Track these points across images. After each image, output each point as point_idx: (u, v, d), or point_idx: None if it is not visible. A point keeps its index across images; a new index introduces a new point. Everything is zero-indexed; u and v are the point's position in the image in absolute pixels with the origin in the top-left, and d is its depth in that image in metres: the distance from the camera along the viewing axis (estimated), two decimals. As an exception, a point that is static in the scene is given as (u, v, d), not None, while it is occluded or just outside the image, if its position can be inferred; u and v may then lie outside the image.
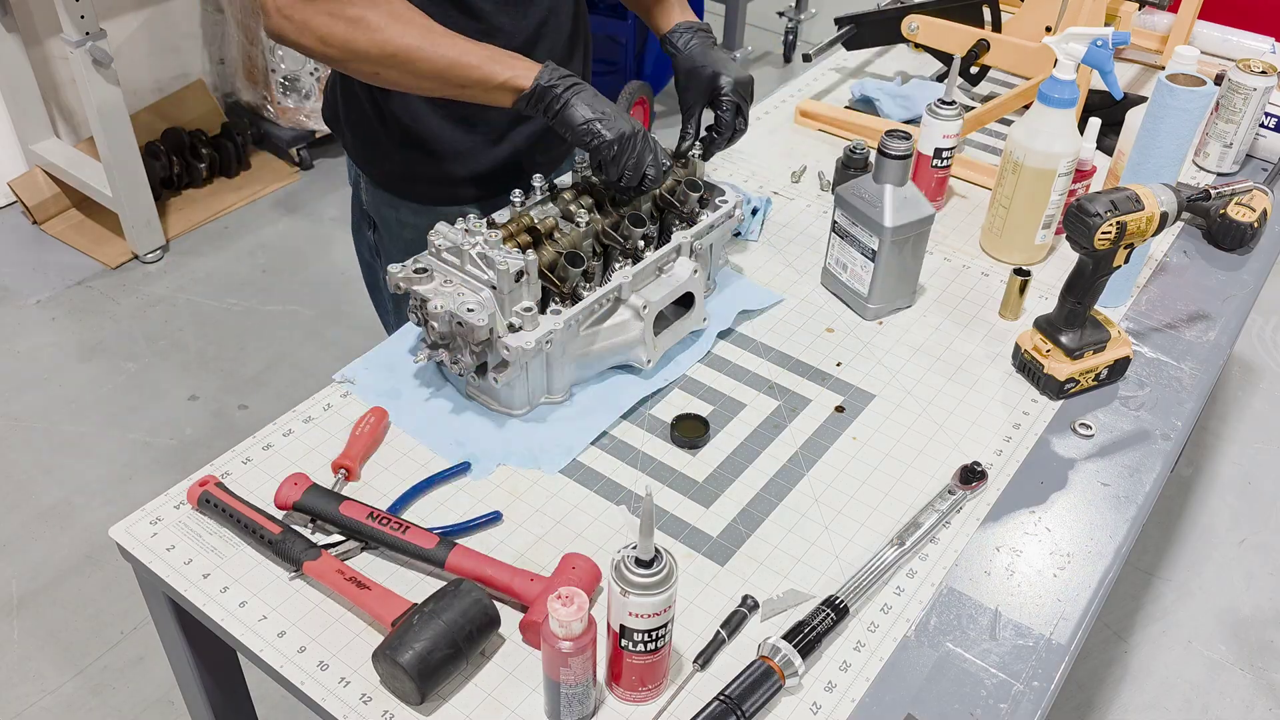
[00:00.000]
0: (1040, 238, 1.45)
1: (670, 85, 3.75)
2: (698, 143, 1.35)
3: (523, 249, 1.15)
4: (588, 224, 1.21)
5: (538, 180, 1.26)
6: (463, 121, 1.35)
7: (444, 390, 1.23)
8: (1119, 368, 1.26)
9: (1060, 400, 1.24)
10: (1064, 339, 1.23)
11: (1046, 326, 1.25)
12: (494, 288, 1.12)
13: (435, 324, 1.13)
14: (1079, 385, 1.23)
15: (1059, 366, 1.22)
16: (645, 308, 1.21)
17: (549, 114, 1.18)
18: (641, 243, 1.25)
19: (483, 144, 1.38)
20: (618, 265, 1.23)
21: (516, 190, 1.22)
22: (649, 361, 1.24)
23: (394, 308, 1.52)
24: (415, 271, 1.14)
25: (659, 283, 1.25)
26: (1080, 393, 1.25)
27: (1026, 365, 1.26)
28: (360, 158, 1.44)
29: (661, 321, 1.26)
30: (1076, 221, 1.15)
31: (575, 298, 1.18)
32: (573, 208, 1.23)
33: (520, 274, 1.11)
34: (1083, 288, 1.21)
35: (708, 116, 1.37)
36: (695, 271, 1.26)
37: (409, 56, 1.14)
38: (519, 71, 1.17)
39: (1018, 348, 1.28)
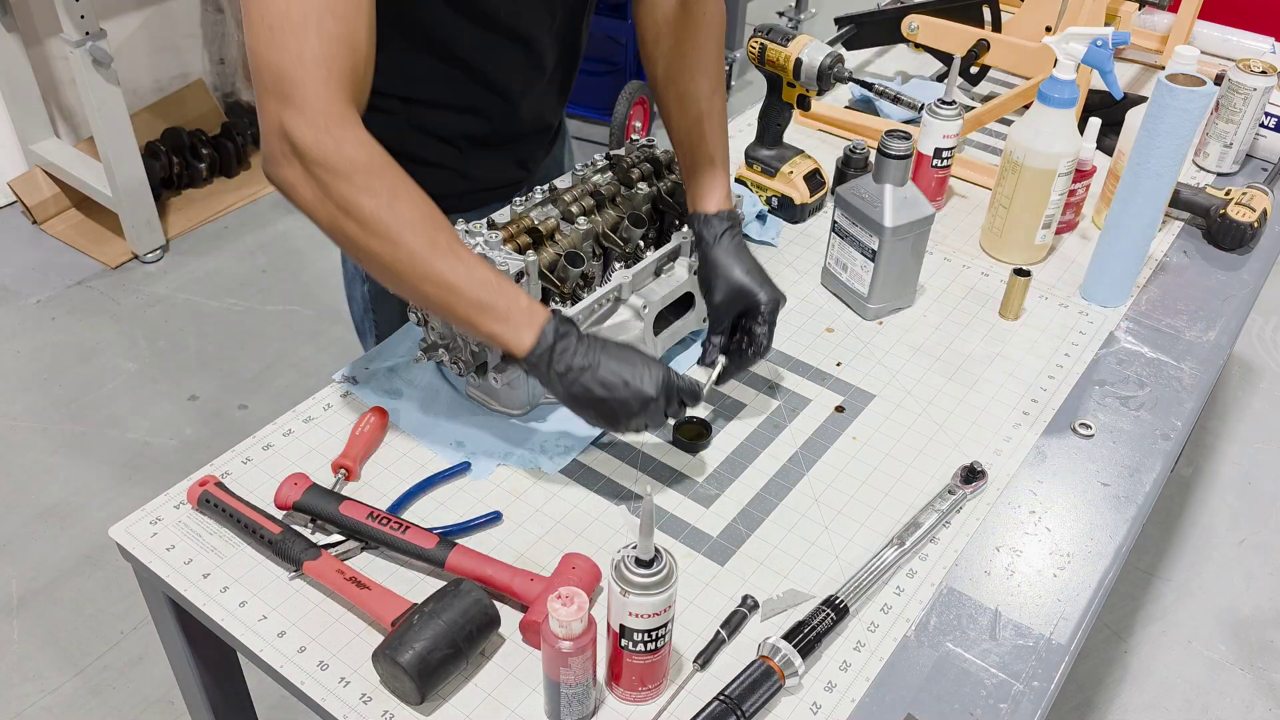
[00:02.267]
0: (1040, 238, 1.45)
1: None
2: (721, 357, 1.21)
3: (522, 250, 1.15)
4: (588, 225, 1.21)
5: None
6: (443, 141, 1.28)
7: (444, 390, 1.23)
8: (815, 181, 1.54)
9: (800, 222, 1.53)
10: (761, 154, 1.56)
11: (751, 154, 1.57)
12: None
13: (435, 324, 1.13)
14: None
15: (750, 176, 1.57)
16: (645, 308, 1.21)
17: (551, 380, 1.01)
18: (641, 243, 1.25)
19: (464, 162, 1.32)
20: (617, 266, 1.23)
21: (516, 197, 1.22)
22: None
23: (374, 332, 1.46)
24: None
25: (659, 283, 1.25)
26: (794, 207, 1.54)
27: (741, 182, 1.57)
28: None
29: (661, 321, 1.26)
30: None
31: (575, 298, 1.18)
32: (573, 209, 1.23)
33: (520, 275, 1.11)
34: (765, 106, 1.57)
35: None
36: (695, 271, 1.26)
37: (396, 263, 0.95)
38: (512, 329, 0.97)
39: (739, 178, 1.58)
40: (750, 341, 1.18)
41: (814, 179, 1.56)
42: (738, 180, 1.60)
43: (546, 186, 1.26)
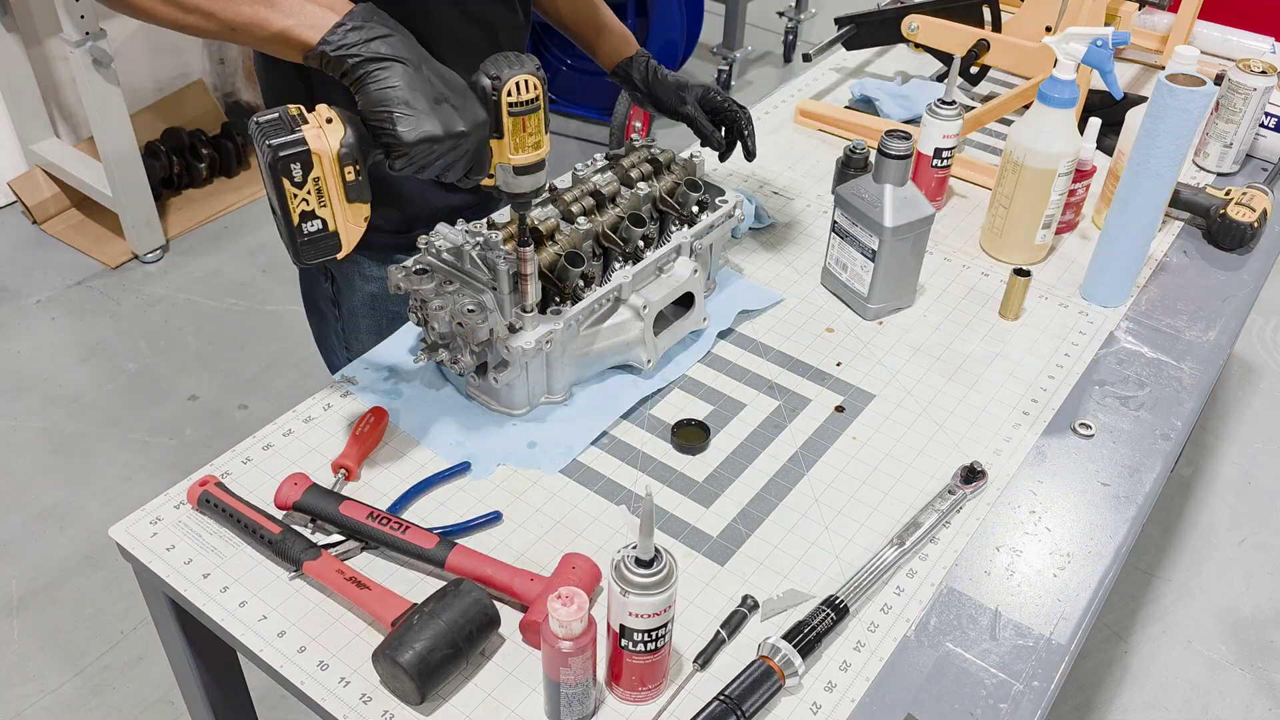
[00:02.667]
0: (1040, 238, 1.45)
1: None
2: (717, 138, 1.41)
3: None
4: (588, 225, 1.21)
5: None
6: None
7: (444, 390, 1.23)
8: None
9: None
10: None
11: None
12: (494, 289, 1.12)
13: (435, 324, 1.13)
14: None
15: None
16: (645, 308, 1.21)
17: (349, 84, 0.93)
18: (641, 243, 1.25)
19: (437, 188, 1.30)
20: (618, 265, 1.23)
21: None
22: (649, 362, 1.24)
23: (346, 357, 1.44)
24: (415, 272, 1.14)
25: (659, 283, 1.25)
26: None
27: None
28: None
29: (661, 321, 1.26)
30: None
31: (575, 298, 1.18)
32: (573, 209, 1.23)
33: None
34: None
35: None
36: (695, 271, 1.26)
37: None
38: (305, 20, 0.90)
39: None
40: (738, 130, 1.39)
41: None
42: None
43: (546, 186, 1.26)
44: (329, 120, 0.91)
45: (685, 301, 1.29)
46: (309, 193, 0.91)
